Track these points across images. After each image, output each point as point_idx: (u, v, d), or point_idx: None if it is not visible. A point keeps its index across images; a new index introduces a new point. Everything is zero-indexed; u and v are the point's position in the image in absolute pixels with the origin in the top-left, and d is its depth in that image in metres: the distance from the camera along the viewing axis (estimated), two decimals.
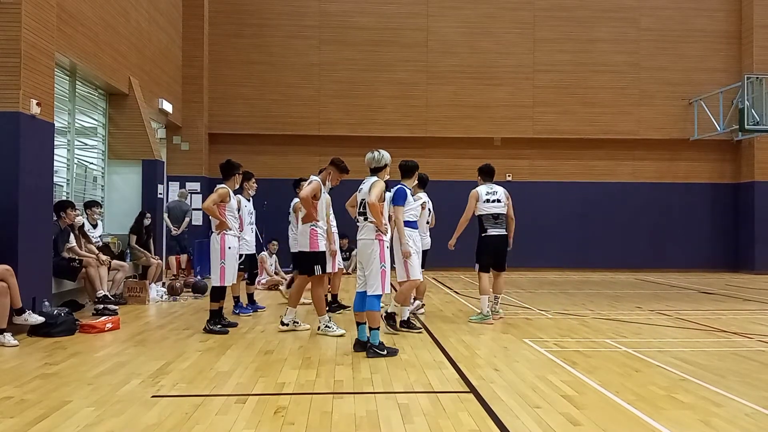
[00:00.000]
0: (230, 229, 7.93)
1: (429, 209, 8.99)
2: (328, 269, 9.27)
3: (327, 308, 9.44)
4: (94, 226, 10.55)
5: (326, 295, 9.56)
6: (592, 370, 5.79)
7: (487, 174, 8.95)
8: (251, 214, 9.53)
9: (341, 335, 7.52)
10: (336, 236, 9.38)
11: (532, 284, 14.23)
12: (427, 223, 9.04)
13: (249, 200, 9.54)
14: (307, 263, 7.63)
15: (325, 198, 9.01)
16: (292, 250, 9.10)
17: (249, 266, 9.61)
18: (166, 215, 14.27)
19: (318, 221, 7.61)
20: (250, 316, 9.17)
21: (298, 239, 7.80)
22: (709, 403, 4.78)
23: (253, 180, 9.59)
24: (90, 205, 10.67)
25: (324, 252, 7.70)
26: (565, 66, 18.54)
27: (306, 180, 8.28)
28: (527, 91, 18.51)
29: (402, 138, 17.83)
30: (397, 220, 7.55)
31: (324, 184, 7.60)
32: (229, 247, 7.88)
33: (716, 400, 4.85)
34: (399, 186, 7.70)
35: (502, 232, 8.79)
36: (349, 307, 9.52)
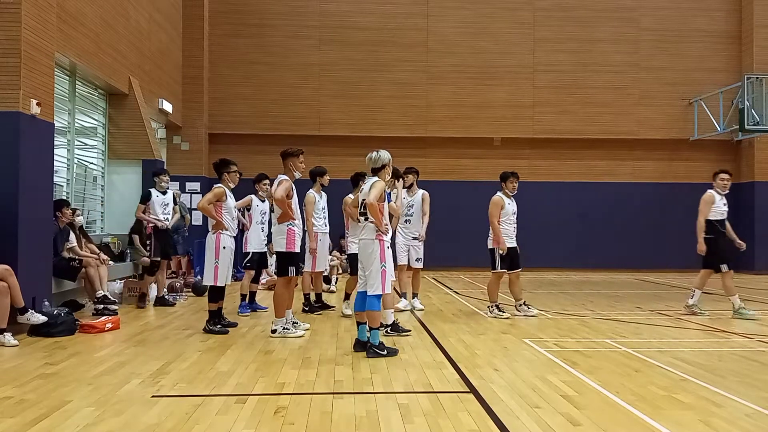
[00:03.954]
0: (226, 229, 7.90)
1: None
2: (307, 268, 9.45)
3: (307, 308, 9.47)
4: (164, 193, 10.40)
5: (309, 294, 9.62)
6: (592, 370, 5.79)
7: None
8: (263, 213, 9.63)
9: (300, 336, 7.39)
10: (322, 236, 9.42)
11: (532, 284, 14.22)
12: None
13: (263, 201, 9.68)
14: (281, 263, 7.55)
15: (313, 199, 9.22)
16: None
17: (258, 264, 9.79)
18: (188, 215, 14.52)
19: (295, 220, 7.50)
20: (248, 316, 9.18)
21: (274, 239, 7.60)
22: (709, 403, 4.78)
23: (266, 182, 9.69)
24: (158, 173, 10.55)
25: (298, 253, 7.60)
26: (565, 66, 18.52)
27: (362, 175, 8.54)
28: (527, 91, 18.50)
29: (402, 138, 17.82)
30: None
31: (291, 180, 7.48)
32: (224, 247, 7.84)
33: (716, 401, 4.84)
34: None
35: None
36: (334, 307, 9.50)
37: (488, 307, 9.25)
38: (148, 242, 10.24)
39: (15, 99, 7.49)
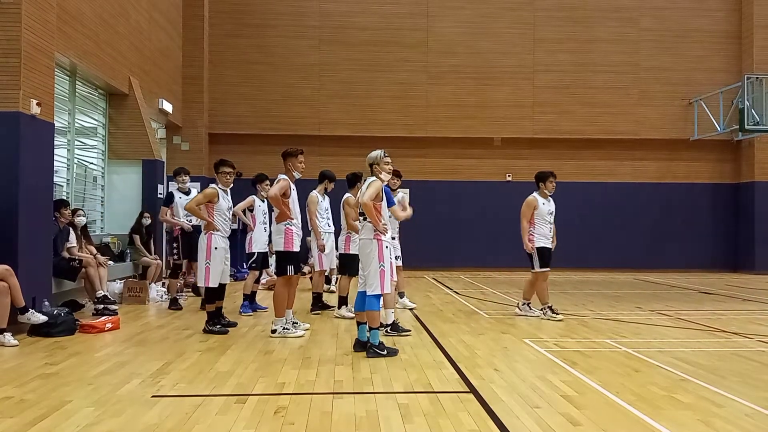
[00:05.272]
0: (218, 230, 7.88)
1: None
2: (317, 266, 9.46)
3: (318, 312, 9.47)
4: (187, 194, 10.33)
5: (321, 294, 9.63)
6: (592, 370, 5.79)
7: None
8: (265, 214, 9.67)
9: (300, 336, 7.39)
10: (326, 236, 9.41)
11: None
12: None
13: (264, 201, 9.73)
14: (280, 263, 7.54)
15: (318, 201, 9.21)
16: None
17: (262, 264, 9.92)
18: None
19: (293, 220, 7.49)
20: (251, 316, 9.18)
21: (273, 238, 7.61)
22: (709, 403, 4.78)
23: (267, 182, 9.72)
24: (177, 173, 10.55)
25: (297, 252, 7.57)
26: (565, 66, 18.53)
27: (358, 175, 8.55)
28: (527, 91, 18.50)
29: (402, 138, 17.83)
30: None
31: (291, 180, 7.47)
32: (215, 248, 7.81)
33: (716, 401, 4.84)
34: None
35: None
36: (333, 307, 9.50)
37: (540, 310, 9.05)
38: (175, 245, 10.24)
39: (15, 99, 7.49)
